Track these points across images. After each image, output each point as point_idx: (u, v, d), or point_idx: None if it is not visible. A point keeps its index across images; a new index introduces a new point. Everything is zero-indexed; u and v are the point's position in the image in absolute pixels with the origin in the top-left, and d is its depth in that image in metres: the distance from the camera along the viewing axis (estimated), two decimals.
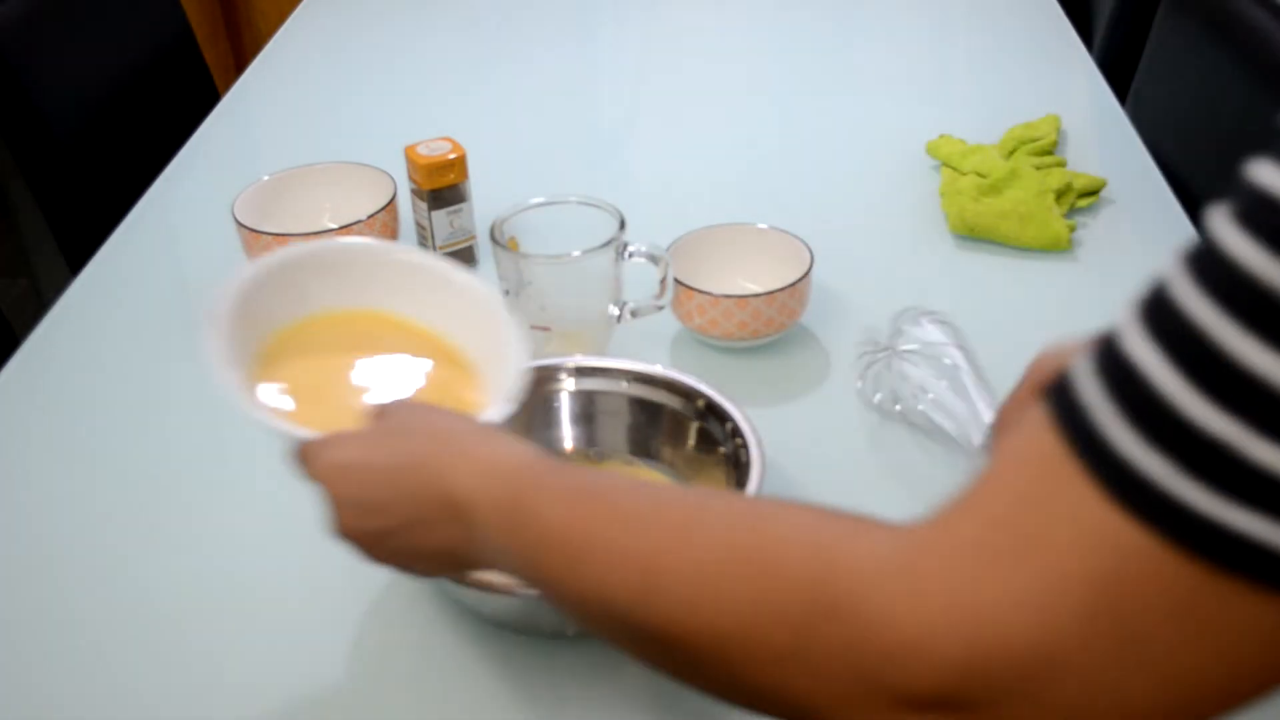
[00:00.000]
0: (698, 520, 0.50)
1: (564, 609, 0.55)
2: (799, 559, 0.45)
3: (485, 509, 0.56)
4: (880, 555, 0.42)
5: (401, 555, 0.61)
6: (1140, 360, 0.37)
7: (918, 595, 0.40)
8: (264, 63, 1.61)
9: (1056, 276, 1.07)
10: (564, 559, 0.52)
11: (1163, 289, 0.38)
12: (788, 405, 0.93)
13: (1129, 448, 0.37)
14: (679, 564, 0.48)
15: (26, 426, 0.95)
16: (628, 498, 0.53)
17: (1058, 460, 0.38)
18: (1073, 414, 0.39)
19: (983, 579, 0.39)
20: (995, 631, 0.39)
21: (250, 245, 1.03)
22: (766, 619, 0.44)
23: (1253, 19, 1.20)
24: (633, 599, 0.49)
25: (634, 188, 1.24)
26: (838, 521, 0.46)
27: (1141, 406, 0.37)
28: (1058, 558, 0.38)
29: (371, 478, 0.60)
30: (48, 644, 0.75)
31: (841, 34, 1.64)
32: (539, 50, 1.62)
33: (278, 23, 1.74)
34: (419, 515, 0.59)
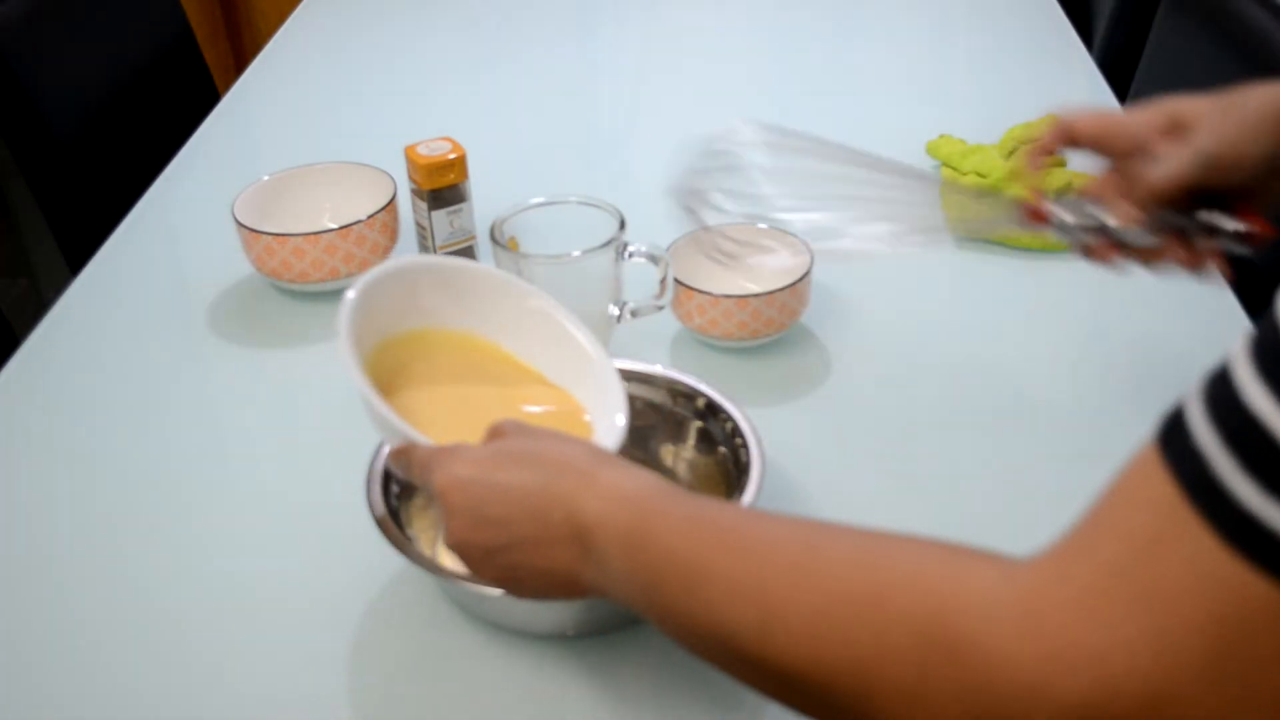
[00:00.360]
0: (811, 561, 0.51)
1: (681, 638, 0.57)
2: (914, 602, 0.46)
3: (608, 534, 0.58)
4: (995, 598, 0.44)
5: (511, 571, 0.62)
6: (1258, 409, 0.38)
7: (1037, 640, 0.42)
8: (264, 63, 1.61)
9: (1056, 276, 1.07)
10: (683, 588, 0.54)
11: (1275, 332, 0.39)
12: (788, 405, 0.93)
13: (1248, 497, 0.38)
14: (796, 606, 0.50)
15: (26, 426, 0.95)
16: (746, 531, 0.54)
17: (1173, 507, 0.40)
18: (1189, 461, 0.40)
19: (1102, 624, 0.41)
20: (1115, 675, 0.40)
21: (250, 245, 1.03)
22: (886, 659, 0.46)
23: (1253, 19, 1.20)
24: (751, 634, 0.51)
25: (634, 188, 1.24)
26: (946, 560, 0.48)
27: (1260, 456, 0.38)
28: (1177, 604, 0.39)
29: (493, 494, 0.62)
30: (47, 644, 0.75)
31: (841, 34, 1.64)
32: (539, 50, 1.62)
33: (278, 23, 1.74)
34: (537, 534, 0.60)
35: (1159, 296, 1.04)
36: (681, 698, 0.69)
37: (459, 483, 0.63)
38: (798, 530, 0.54)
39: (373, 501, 0.74)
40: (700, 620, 0.53)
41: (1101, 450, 0.87)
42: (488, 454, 0.64)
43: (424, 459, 0.66)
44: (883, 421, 0.91)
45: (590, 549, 0.59)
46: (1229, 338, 1.02)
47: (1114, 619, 0.40)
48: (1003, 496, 0.83)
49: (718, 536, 0.55)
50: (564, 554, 0.60)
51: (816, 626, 0.49)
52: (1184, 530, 0.39)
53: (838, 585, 0.49)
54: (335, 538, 0.80)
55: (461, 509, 0.62)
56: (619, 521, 0.58)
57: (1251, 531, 0.38)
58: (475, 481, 0.62)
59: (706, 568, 0.54)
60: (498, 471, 0.62)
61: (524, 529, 0.61)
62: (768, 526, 0.55)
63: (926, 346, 0.98)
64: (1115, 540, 0.42)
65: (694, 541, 0.55)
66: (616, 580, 0.58)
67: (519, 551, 0.61)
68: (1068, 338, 1.00)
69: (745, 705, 0.69)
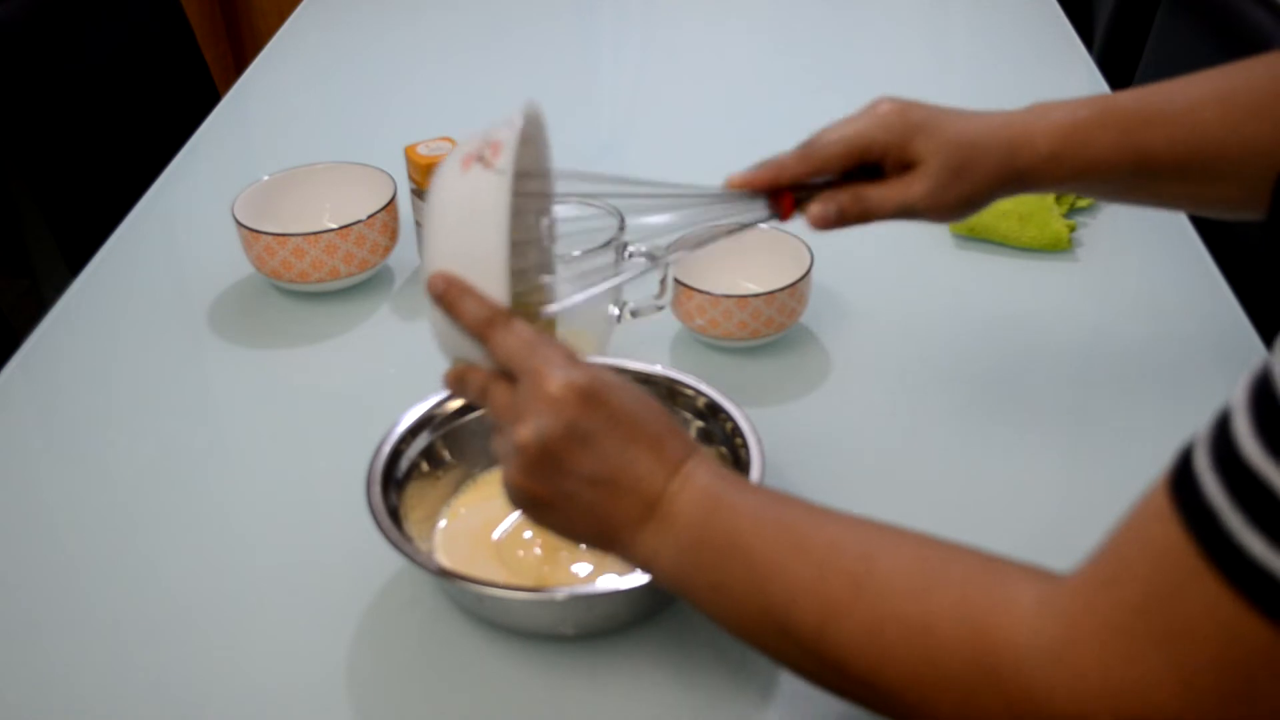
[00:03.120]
0: (868, 576, 0.55)
1: (733, 622, 0.60)
2: (959, 631, 0.51)
3: (683, 503, 0.60)
4: (1032, 630, 0.49)
5: (568, 499, 0.61)
6: (1259, 467, 0.41)
7: (1072, 673, 0.47)
8: (264, 63, 1.61)
9: (1056, 276, 1.07)
10: (747, 579, 0.57)
11: (1271, 386, 0.41)
12: (788, 405, 0.93)
13: (1257, 550, 0.41)
14: (852, 619, 0.54)
15: (26, 426, 0.95)
16: (811, 533, 0.57)
17: (1186, 557, 0.43)
18: (1200, 514, 0.43)
19: (1126, 661, 0.45)
20: (1139, 707, 0.45)
21: (250, 245, 1.03)
22: (936, 680, 0.51)
23: (1253, 19, 1.20)
24: (810, 634, 0.55)
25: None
26: (988, 586, 0.52)
27: (1263, 510, 0.41)
28: (1193, 647, 0.44)
29: (608, 422, 0.60)
30: (46, 643, 0.75)
31: (841, 34, 1.64)
32: (539, 50, 1.62)
33: (278, 23, 1.74)
34: (619, 479, 0.60)
35: (1159, 297, 1.04)
36: (681, 698, 0.69)
37: (581, 391, 0.60)
38: (858, 537, 0.57)
39: (373, 501, 0.74)
40: (762, 610, 0.57)
41: (1102, 450, 0.87)
42: (612, 380, 0.61)
43: (529, 341, 0.61)
44: (883, 421, 0.91)
45: (655, 515, 0.60)
46: (1228, 338, 1.03)
47: (1137, 656, 0.45)
48: (1003, 496, 0.83)
49: (784, 534, 0.57)
50: (630, 509, 0.60)
51: (871, 640, 0.53)
52: (1197, 579, 0.43)
53: (890, 607, 0.53)
54: (335, 538, 0.80)
55: (569, 421, 0.59)
56: (692, 500, 0.60)
57: (1261, 582, 0.41)
58: (597, 398, 0.60)
59: (771, 564, 0.57)
60: (622, 405, 0.60)
61: (611, 469, 0.60)
62: (829, 529, 0.58)
63: (926, 346, 0.98)
64: (1135, 583, 0.46)
65: (765, 533, 0.58)
66: (672, 552, 0.60)
67: (592, 487, 0.60)
68: (1068, 338, 1.00)
69: (745, 706, 0.69)
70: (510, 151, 0.61)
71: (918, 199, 0.75)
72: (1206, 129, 0.73)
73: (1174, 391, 0.92)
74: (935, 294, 1.06)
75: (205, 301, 1.07)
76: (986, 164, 0.75)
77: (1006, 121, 0.76)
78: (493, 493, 0.81)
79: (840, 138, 0.75)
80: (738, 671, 0.71)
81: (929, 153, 0.75)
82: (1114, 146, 0.75)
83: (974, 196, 0.76)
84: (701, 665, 0.71)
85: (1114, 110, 0.76)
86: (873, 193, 0.76)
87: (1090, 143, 0.75)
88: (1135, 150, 0.74)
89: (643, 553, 0.61)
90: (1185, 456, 0.45)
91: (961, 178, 0.75)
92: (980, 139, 0.75)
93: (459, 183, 0.62)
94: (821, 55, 1.57)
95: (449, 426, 0.82)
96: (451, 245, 0.62)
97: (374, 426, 0.80)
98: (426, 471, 0.80)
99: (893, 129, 0.75)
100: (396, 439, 0.79)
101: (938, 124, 0.75)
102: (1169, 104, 0.75)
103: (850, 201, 0.76)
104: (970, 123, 0.76)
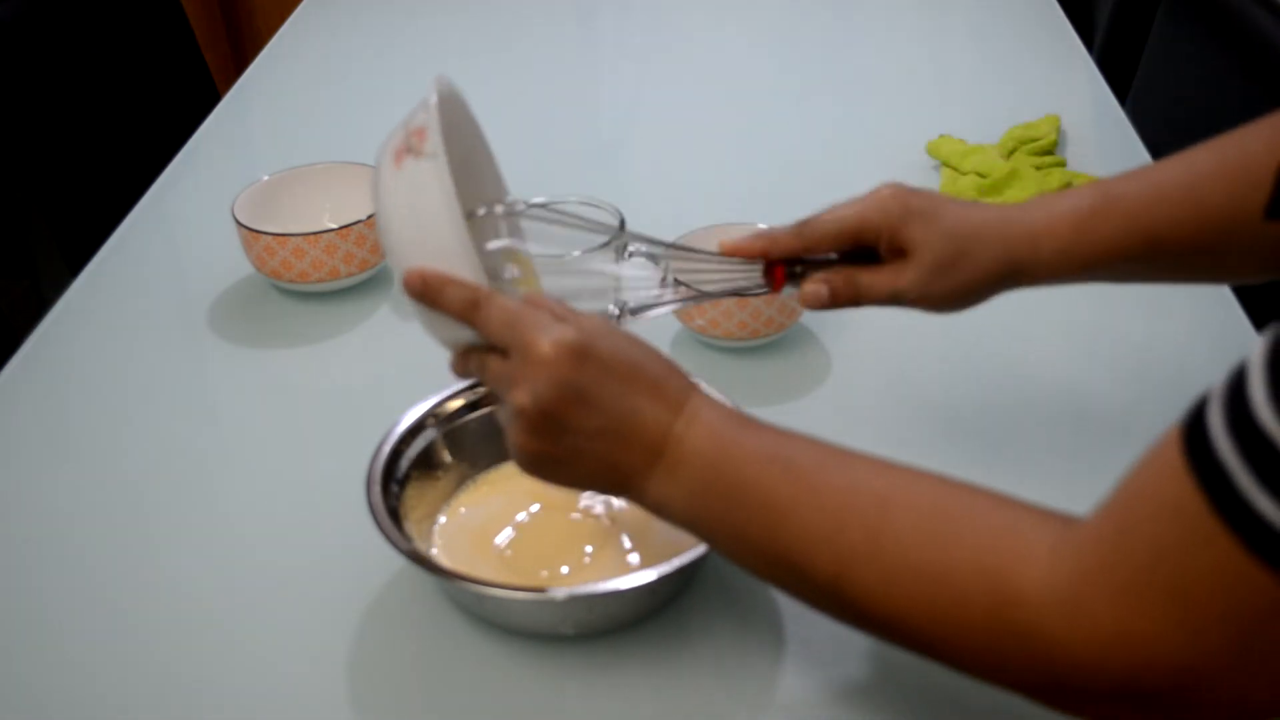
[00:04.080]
0: (885, 523, 0.56)
1: (749, 563, 0.61)
2: (976, 584, 0.53)
3: (690, 447, 0.60)
4: (1049, 582, 0.51)
5: (575, 454, 0.62)
6: (1272, 431, 0.42)
7: (1087, 625, 0.49)
8: (264, 63, 1.61)
9: None
10: (761, 523, 0.59)
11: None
12: (788, 405, 0.93)
13: (1267, 509, 0.43)
14: (869, 568, 0.56)
15: (26, 426, 0.95)
16: (825, 477, 0.59)
17: (1198, 514, 0.45)
18: (1212, 472, 0.45)
19: (1140, 614, 0.48)
20: (1151, 657, 0.48)
21: (250, 245, 1.03)
22: (956, 627, 0.54)
23: (1253, 19, 1.20)
24: (827, 579, 0.57)
25: (634, 188, 1.24)
26: (1003, 537, 0.53)
27: (1275, 472, 0.42)
28: (1203, 601, 0.46)
29: (603, 373, 0.61)
30: (46, 643, 0.75)
31: (841, 34, 1.64)
32: (540, 50, 1.62)
33: (278, 23, 1.74)
34: (622, 430, 0.61)
35: (1159, 297, 1.04)
36: (681, 698, 0.69)
37: (571, 349, 0.60)
38: (873, 483, 0.58)
39: (373, 501, 0.74)
40: (779, 554, 0.58)
41: (1102, 450, 0.87)
42: (601, 330, 0.62)
43: (511, 312, 0.62)
44: (882, 422, 0.91)
45: (664, 458, 0.61)
46: (1228, 338, 1.03)
47: (1148, 610, 0.47)
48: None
49: (797, 478, 0.58)
50: (637, 455, 0.61)
51: (889, 589, 0.55)
52: (1208, 536, 0.45)
53: (906, 556, 0.55)
54: (335, 538, 0.80)
55: (563, 380, 0.60)
56: (699, 440, 0.60)
57: (1271, 540, 0.43)
58: (588, 354, 0.60)
59: (784, 510, 0.58)
60: (614, 356, 0.61)
61: (612, 420, 0.61)
62: (845, 473, 0.59)
63: (926, 346, 0.98)
64: (1146, 538, 0.48)
65: (775, 477, 0.59)
66: (684, 494, 0.61)
67: (597, 439, 0.61)
68: (1068, 338, 1.00)
69: (745, 706, 0.69)
70: (436, 134, 0.62)
71: (907, 288, 0.75)
72: (1211, 204, 0.72)
73: (1174, 391, 0.92)
74: None
75: (205, 301, 1.07)
76: (981, 259, 0.74)
77: (1006, 217, 0.75)
78: (493, 492, 0.81)
79: (835, 219, 0.76)
80: (737, 671, 0.71)
81: (921, 242, 0.74)
82: (1123, 231, 0.74)
83: (967, 290, 0.75)
84: (701, 665, 0.71)
85: (1117, 197, 0.74)
86: (865, 277, 0.76)
87: (1097, 232, 0.74)
88: (1143, 235, 0.73)
89: (654, 498, 0.62)
90: (1199, 412, 0.46)
91: (954, 271, 0.74)
92: (978, 233, 0.74)
93: (397, 181, 0.63)
94: (821, 56, 1.57)
95: (449, 426, 0.82)
96: (412, 244, 0.63)
97: (374, 426, 0.80)
98: (426, 471, 0.80)
99: (889, 213, 0.75)
100: (396, 439, 0.79)
101: (936, 213, 0.74)
102: (1173, 182, 0.74)
103: (842, 284, 0.77)
104: (970, 215, 0.75)
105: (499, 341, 0.63)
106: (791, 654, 0.71)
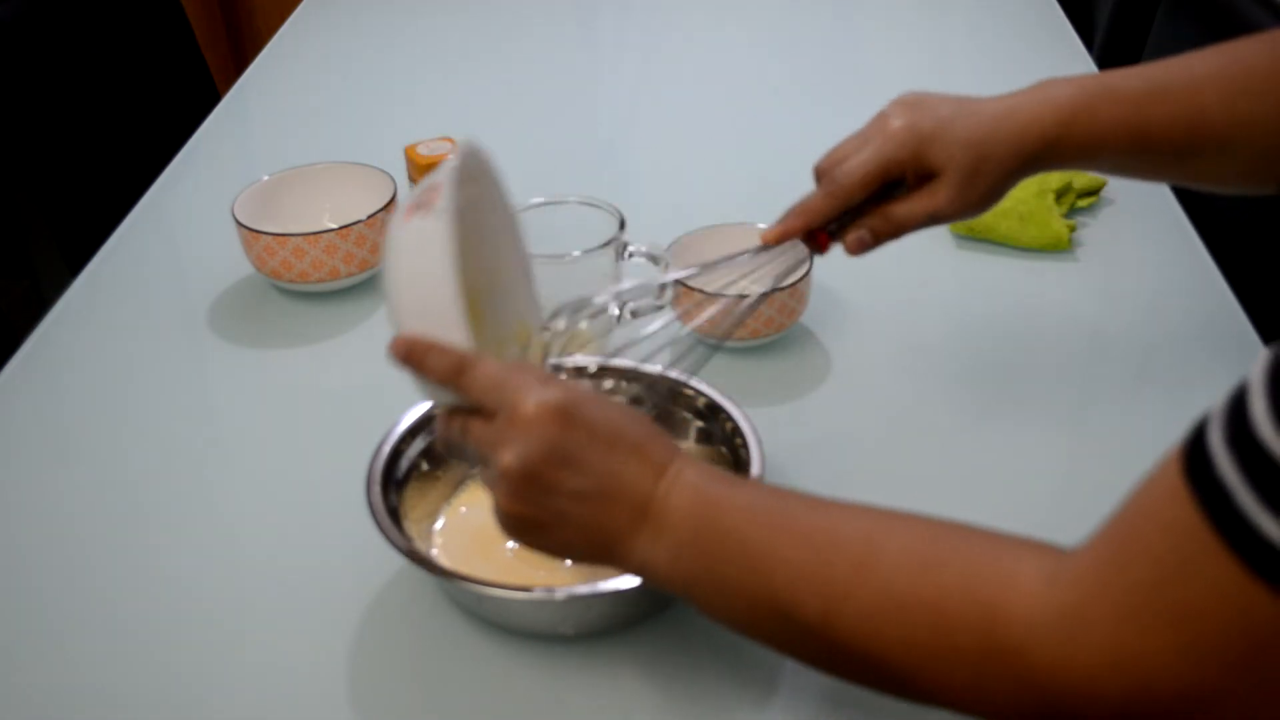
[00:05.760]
0: (871, 558, 0.55)
1: (735, 616, 0.60)
2: (968, 610, 0.51)
3: (674, 504, 0.60)
4: (1042, 608, 0.49)
5: (560, 518, 0.61)
6: (1272, 446, 0.42)
7: (1082, 648, 0.48)
8: (264, 63, 1.61)
9: (1056, 276, 1.07)
10: (747, 569, 0.57)
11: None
12: (788, 405, 0.93)
13: (1269, 529, 0.42)
14: (857, 601, 0.54)
15: (26, 426, 0.95)
16: (809, 520, 0.58)
17: (1199, 534, 0.44)
18: (1213, 492, 0.44)
19: (1138, 635, 0.46)
20: (1152, 679, 0.46)
21: (250, 245, 1.03)
22: (945, 659, 0.52)
23: (1253, 19, 1.20)
24: (814, 620, 0.55)
25: (634, 188, 1.24)
26: (995, 564, 0.52)
27: (1277, 492, 0.42)
28: (1203, 621, 0.45)
29: (589, 437, 0.60)
30: (46, 643, 0.75)
31: (841, 33, 1.64)
32: (539, 50, 1.62)
33: (278, 23, 1.74)
34: (607, 492, 0.60)
35: (1159, 297, 1.04)
36: (681, 698, 0.69)
37: (555, 410, 0.59)
38: (858, 522, 0.57)
39: (373, 501, 0.74)
40: (763, 600, 0.57)
41: (1102, 451, 0.87)
42: (584, 398, 0.61)
43: (496, 376, 0.61)
44: (882, 422, 0.91)
45: (648, 519, 0.60)
46: (1228, 338, 1.03)
47: (1147, 632, 0.46)
48: (1003, 496, 0.83)
49: (782, 522, 0.58)
50: (621, 517, 0.60)
51: (877, 622, 0.54)
52: (1208, 557, 0.44)
53: (896, 587, 0.54)
54: (335, 538, 0.80)
55: (546, 437, 0.59)
56: (684, 498, 0.60)
57: (1273, 560, 0.42)
58: (574, 418, 0.60)
59: (770, 553, 0.57)
60: (596, 422, 0.60)
61: (597, 483, 0.60)
62: (829, 517, 0.58)
63: (926, 347, 0.98)
64: (1146, 560, 0.47)
65: (761, 524, 0.58)
66: (670, 553, 0.60)
67: (581, 503, 0.60)
68: (1068, 338, 1.00)
69: (745, 706, 0.69)
70: (449, 190, 0.61)
71: (944, 206, 0.77)
72: (1206, 108, 0.74)
73: (1174, 391, 0.92)
74: (935, 294, 1.06)
75: (205, 301, 1.07)
76: (1000, 157, 0.77)
77: (1011, 108, 0.78)
78: None
79: (859, 166, 0.77)
80: (737, 671, 0.71)
81: (945, 160, 0.76)
82: (1117, 124, 0.75)
83: (994, 189, 0.78)
84: (701, 665, 0.71)
85: (1118, 88, 0.76)
86: (900, 209, 0.78)
87: (1095, 121, 0.76)
88: (1139, 128, 0.75)
89: (639, 559, 0.61)
90: (1199, 433, 0.45)
91: (979, 177, 0.77)
92: (990, 135, 0.77)
93: (403, 234, 0.63)
94: (821, 56, 1.57)
95: None
96: (407, 298, 0.63)
97: (374, 426, 0.80)
98: (426, 471, 0.80)
99: (906, 146, 0.77)
100: (396, 439, 0.79)
101: (947, 129, 0.77)
102: (1171, 82, 0.76)
103: (880, 223, 0.79)
104: (977, 118, 0.77)
105: (484, 404, 0.62)
106: None
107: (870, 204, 0.79)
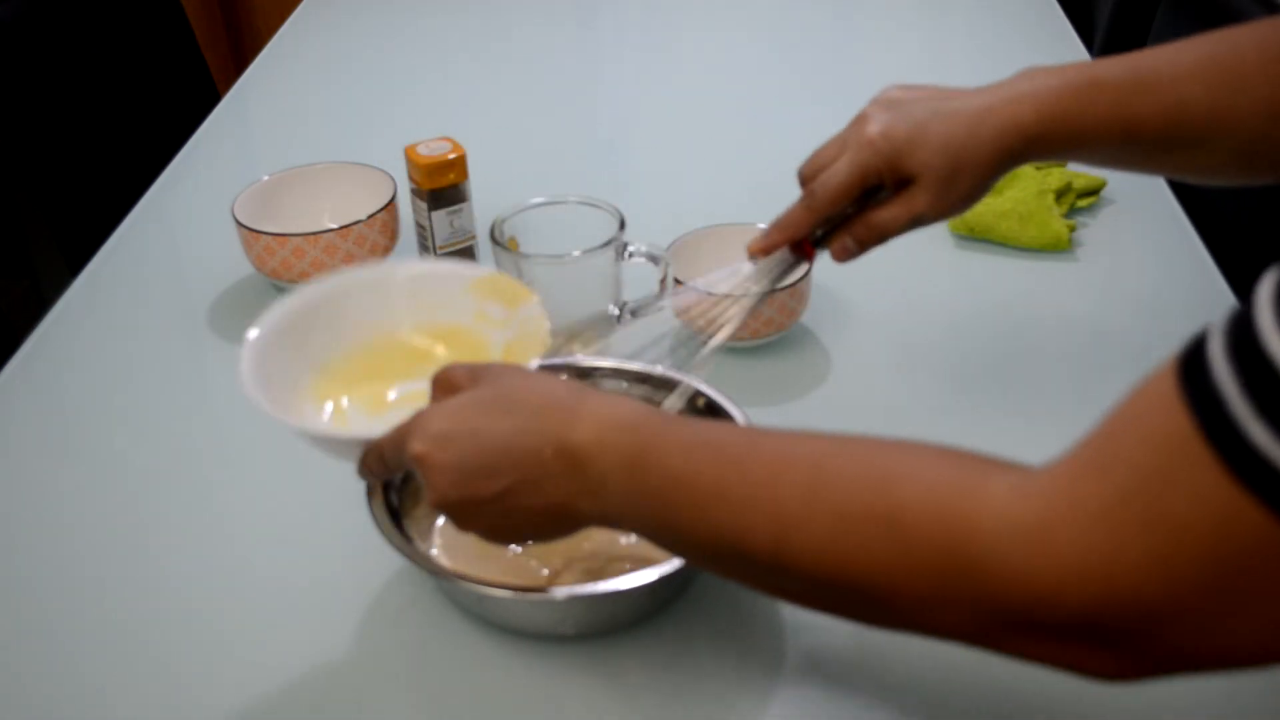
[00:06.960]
0: (822, 478, 0.53)
1: (692, 554, 0.59)
2: (929, 520, 0.49)
3: (607, 460, 0.58)
4: (1009, 516, 0.47)
5: (504, 519, 0.61)
6: (1277, 355, 0.40)
7: (1049, 557, 0.45)
8: (264, 63, 1.61)
9: (1056, 276, 1.07)
10: (694, 506, 0.56)
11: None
12: (788, 405, 0.93)
13: (1261, 439, 0.40)
14: (810, 524, 0.52)
15: (26, 426, 0.95)
16: (753, 449, 0.56)
17: (1186, 441, 0.42)
18: (1207, 400, 0.42)
19: (1110, 546, 0.44)
20: (1119, 591, 0.44)
21: (250, 245, 1.03)
22: (904, 573, 0.49)
23: (1253, 19, 1.20)
24: (766, 549, 0.53)
25: (634, 188, 1.24)
26: (958, 475, 0.50)
27: (1274, 403, 0.40)
28: (1180, 533, 0.43)
29: (477, 444, 0.60)
30: (46, 643, 0.75)
31: (841, 34, 1.64)
32: (540, 50, 1.62)
33: (278, 23, 1.74)
34: (529, 476, 0.60)
35: (1159, 297, 1.04)
36: (681, 697, 0.69)
37: (438, 440, 0.61)
38: (805, 446, 0.56)
39: (373, 501, 0.74)
40: (713, 537, 0.55)
41: None
42: (460, 405, 0.62)
43: (393, 439, 0.64)
44: (882, 422, 0.90)
45: (587, 478, 0.59)
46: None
47: (1121, 541, 0.44)
48: None
49: (724, 455, 0.56)
50: (559, 488, 0.59)
51: (833, 543, 0.51)
52: (1195, 465, 0.42)
53: (851, 504, 0.51)
54: (335, 538, 0.80)
55: (445, 466, 0.60)
56: (618, 447, 0.58)
57: (1260, 469, 0.40)
58: (455, 435, 0.61)
59: (716, 487, 0.55)
60: (477, 419, 0.61)
61: (515, 474, 0.59)
62: (774, 444, 0.56)
63: (926, 346, 0.98)
64: (1126, 467, 0.45)
65: (701, 462, 0.56)
66: (618, 505, 0.59)
67: (511, 497, 0.60)
68: (1067, 338, 1.00)
69: (745, 705, 0.69)
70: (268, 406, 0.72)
71: (924, 211, 0.77)
72: (1188, 101, 0.74)
73: None
74: (935, 294, 1.06)
75: (205, 301, 1.07)
76: (978, 159, 0.76)
77: (989, 104, 0.75)
78: None
79: (835, 177, 0.78)
80: (737, 671, 0.71)
81: (923, 166, 0.76)
82: (1100, 119, 0.74)
83: (974, 189, 0.77)
84: (701, 665, 0.71)
85: (1102, 80, 0.75)
86: (882, 215, 0.78)
87: (1077, 116, 0.74)
88: (1123, 121, 0.74)
89: (597, 515, 0.60)
90: (1198, 343, 0.44)
91: (958, 179, 0.76)
92: (968, 137, 0.75)
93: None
94: (821, 56, 1.57)
95: None
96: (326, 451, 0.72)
97: None
98: None
99: (881, 153, 0.76)
100: None
101: (923, 133, 0.75)
102: (1156, 74, 0.75)
103: (863, 230, 0.79)
104: (954, 119, 0.75)
105: (403, 466, 0.65)
106: (792, 654, 0.71)
107: (853, 210, 0.79)
